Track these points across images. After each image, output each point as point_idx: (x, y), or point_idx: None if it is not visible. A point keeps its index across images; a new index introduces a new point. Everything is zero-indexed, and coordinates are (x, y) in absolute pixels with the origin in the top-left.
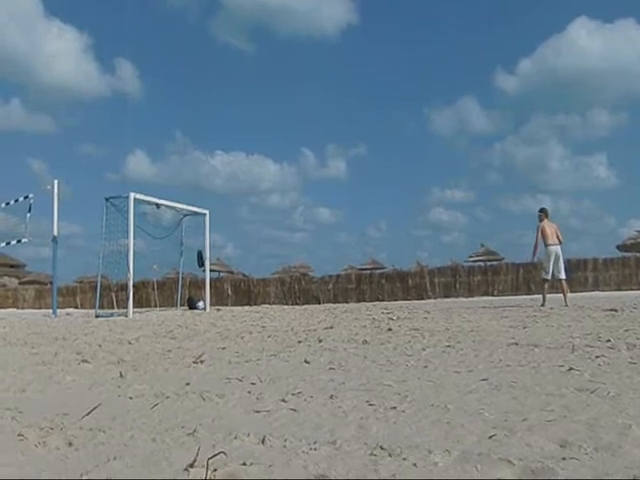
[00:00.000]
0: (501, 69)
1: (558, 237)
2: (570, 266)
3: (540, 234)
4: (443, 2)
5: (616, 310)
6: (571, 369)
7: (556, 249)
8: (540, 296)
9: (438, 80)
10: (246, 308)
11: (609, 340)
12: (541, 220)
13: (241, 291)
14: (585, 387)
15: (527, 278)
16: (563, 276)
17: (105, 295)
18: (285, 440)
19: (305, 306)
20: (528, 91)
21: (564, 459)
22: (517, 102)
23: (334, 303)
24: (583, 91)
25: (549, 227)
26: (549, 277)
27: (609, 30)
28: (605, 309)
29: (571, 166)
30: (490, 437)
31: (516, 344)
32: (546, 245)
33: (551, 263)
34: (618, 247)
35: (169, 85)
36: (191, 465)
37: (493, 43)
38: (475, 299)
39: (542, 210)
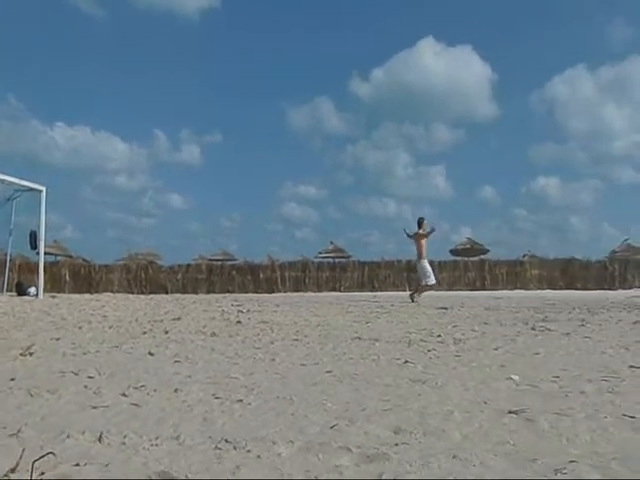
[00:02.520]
0: (357, 74)
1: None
2: (409, 267)
3: None
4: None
5: (446, 308)
6: (407, 362)
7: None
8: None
9: (296, 76)
10: (86, 296)
11: (439, 335)
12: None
13: (81, 277)
14: (418, 378)
15: (371, 276)
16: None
17: None
18: (124, 437)
19: (151, 295)
20: (379, 99)
21: (397, 444)
22: (369, 108)
23: (183, 293)
24: (427, 106)
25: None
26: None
27: (451, 53)
28: (437, 307)
29: (414, 174)
30: (332, 427)
31: (359, 338)
32: None
33: None
34: (451, 251)
35: (3, 44)
36: (12, 470)
37: (351, 47)
38: (323, 294)
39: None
